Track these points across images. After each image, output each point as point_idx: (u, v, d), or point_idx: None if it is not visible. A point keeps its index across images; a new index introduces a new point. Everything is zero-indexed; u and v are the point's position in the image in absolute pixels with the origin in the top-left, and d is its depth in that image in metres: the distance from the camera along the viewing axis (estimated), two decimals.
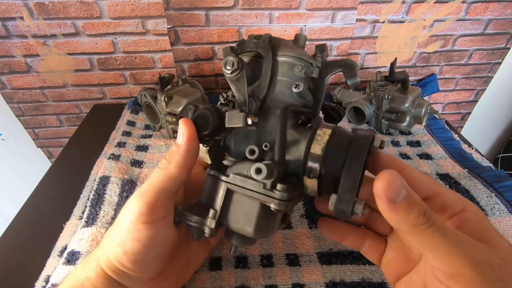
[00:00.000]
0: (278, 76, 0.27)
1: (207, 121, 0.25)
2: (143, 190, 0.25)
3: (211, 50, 0.67)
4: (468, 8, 0.66)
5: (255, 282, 0.33)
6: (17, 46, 0.64)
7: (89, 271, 0.25)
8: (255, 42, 0.28)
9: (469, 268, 0.19)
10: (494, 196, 0.42)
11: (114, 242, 0.25)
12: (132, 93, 0.73)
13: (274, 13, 0.63)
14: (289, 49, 0.27)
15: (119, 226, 0.25)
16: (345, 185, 0.21)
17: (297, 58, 0.27)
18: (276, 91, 0.27)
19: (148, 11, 0.61)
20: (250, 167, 0.23)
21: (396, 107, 0.53)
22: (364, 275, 0.33)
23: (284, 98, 0.27)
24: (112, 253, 0.24)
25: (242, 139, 0.26)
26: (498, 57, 0.75)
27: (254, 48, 0.27)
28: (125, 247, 0.24)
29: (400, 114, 0.54)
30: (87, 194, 0.44)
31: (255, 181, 0.24)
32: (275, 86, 0.27)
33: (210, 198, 0.26)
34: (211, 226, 0.26)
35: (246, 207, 0.25)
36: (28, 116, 0.76)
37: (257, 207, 0.25)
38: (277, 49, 0.27)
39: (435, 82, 0.75)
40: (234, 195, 0.26)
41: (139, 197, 0.24)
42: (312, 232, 0.38)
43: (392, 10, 0.65)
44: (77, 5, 0.59)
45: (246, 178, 0.25)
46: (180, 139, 0.25)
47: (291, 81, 0.26)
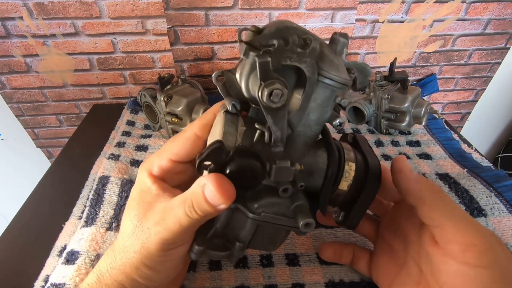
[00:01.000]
0: (317, 102, 0.22)
1: (253, 177, 0.21)
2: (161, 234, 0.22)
3: (211, 50, 0.67)
4: (467, 8, 0.66)
5: (255, 282, 0.33)
6: (16, 46, 0.63)
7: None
8: (300, 54, 0.20)
9: (484, 239, 0.21)
10: (493, 196, 0.42)
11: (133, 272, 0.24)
12: (131, 93, 0.73)
13: (273, 13, 0.63)
14: (334, 69, 0.22)
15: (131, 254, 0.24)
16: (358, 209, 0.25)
17: (342, 85, 0.22)
18: (311, 119, 0.23)
19: (147, 11, 0.61)
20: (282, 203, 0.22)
21: (395, 107, 0.53)
22: (364, 275, 0.33)
23: (317, 127, 0.24)
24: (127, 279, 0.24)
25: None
26: (497, 57, 0.75)
27: (297, 63, 0.20)
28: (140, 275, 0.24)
29: (400, 114, 0.54)
30: (86, 194, 0.44)
31: (288, 218, 0.23)
32: (313, 113, 0.23)
33: (231, 230, 0.24)
34: (239, 257, 0.25)
35: (271, 233, 0.24)
36: (28, 116, 0.76)
37: (283, 234, 0.25)
38: (321, 65, 0.21)
39: (435, 82, 0.75)
40: (260, 228, 0.24)
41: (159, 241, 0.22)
42: (311, 232, 0.38)
43: (391, 10, 0.65)
44: (77, 5, 0.59)
45: (279, 216, 0.23)
46: (212, 200, 0.21)
47: (329, 109, 0.23)
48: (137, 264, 0.23)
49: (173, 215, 0.22)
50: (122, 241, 0.24)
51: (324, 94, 0.22)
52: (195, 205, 0.21)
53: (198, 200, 0.21)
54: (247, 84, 0.22)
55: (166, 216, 0.23)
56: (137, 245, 0.23)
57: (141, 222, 0.24)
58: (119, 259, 0.24)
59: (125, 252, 0.24)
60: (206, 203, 0.21)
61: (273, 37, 0.21)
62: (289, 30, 0.21)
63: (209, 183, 0.20)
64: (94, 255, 0.34)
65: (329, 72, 0.21)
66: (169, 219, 0.22)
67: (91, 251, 0.34)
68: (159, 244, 0.22)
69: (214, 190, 0.20)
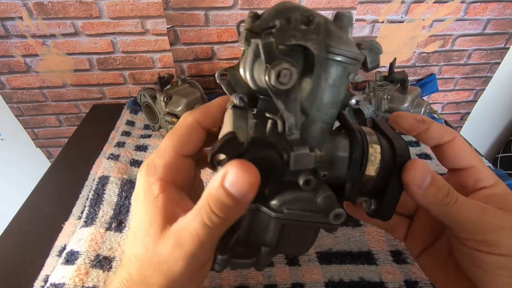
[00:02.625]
0: (329, 82, 0.21)
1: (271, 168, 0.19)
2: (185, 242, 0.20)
3: (211, 50, 0.67)
4: (467, 8, 0.66)
5: (255, 282, 0.33)
6: (16, 46, 0.63)
7: None
8: (304, 31, 0.19)
9: (492, 234, 0.22)
10: None
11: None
12: (131, 93, 0.73)
13: None
14: (343, 44, 0.20)
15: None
16: (391, 198, 0.23)
17: (353, 60, 0.21)
18: (325, 102, 0.21)
19: (147, 11, 0.61)
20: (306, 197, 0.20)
21: (395, 107, 0.54)
22: (363, 275, 0.33)
23: (332, 110, 0.22)
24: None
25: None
26: (497, 57, 0.75)
27: (303, 41, 0.19)
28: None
29: None
30: (86, 194, 0.44)
31: (315, 213, 0.21)
32: (325, 95, 0.21)
33: (254, 234, 0.22)
34: (266, 264, 0.22)
35: (300, 235, 0.22)
36: (28, 116, 0.76)
37: (312, 233, 0.23)
38: (328, 43, 0.20)
39: (434, 82, 0.75)
40: (286, 227, 0.22)
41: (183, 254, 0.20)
42: None
43: (391, 10, 0.65)
44: (76, 5, 0.59)
45: (305, 212, 0.21)
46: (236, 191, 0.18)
47: (342, 89, 0.22)
48: None
49: (189, 233, 0.19)
50: (141, 270, 0.21)
51: (335, 72, 0.20)
52: (213, 206, 0.19)
53: (218, 197, 0.19)
54: (252, 74, 0.20)
55: (181, 237, 0.20)
56: (160, 279, 0.20)
57: (154, 251, 0.20)
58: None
59: (147, 284, 0.21)
60: (227, 197, 0.18)
61: (273, 19, 0.19)
62: (290, 10, 0.20)
63: (231, 169, 0.18)
64: (94, 255, 0.34)
65: (338, 47, 0.20)
66: (185, 239, 0.19)
67: (90, 251, 0.34)
68: (184, 271, 0.20)
69: (238, 174, 0.18)
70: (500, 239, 0.22)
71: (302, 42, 0.19)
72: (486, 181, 0.25)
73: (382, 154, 0.22)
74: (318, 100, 0.21)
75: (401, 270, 0.33)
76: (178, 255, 0.20)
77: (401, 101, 0.53)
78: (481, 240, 0.22)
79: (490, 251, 0.22)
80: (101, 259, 0.34)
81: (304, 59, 0.20)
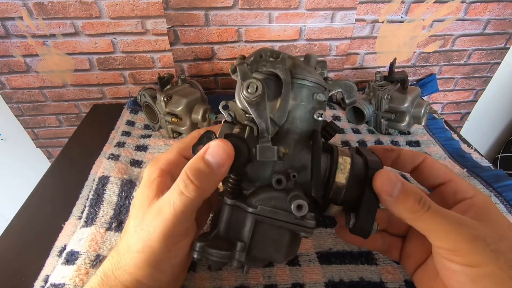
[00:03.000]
0: (297, 101, 0.26)
1: (239, 152, 0.23)
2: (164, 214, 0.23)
3: (211, 50, 0.67)
4: (467, 8, 0.66)
5: (255, 282, 0.33)
6: (16, 46, 0.63)
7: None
8: (272, 62, 0.26)
9: (464, 243, 0.22)
10: (493, 195, 0.42)
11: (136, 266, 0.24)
12: (131, 93, 0.73)
13: (273, 13, 0.63)
14: (307, 72, 0.26)
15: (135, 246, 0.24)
16: (366, 210, 0.25)
17: (316, 84, 0.27)
18: (295, 116, 0.26)
19: (147, 11, 0.61)
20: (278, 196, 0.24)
21: (395, 107, 0.54)
22: (363, 275, 0.33)
23: (303, 123, 0.27)
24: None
25: (261, 164, 0.25)
26: (497, 57, 0.75)
27: (272, 68, 0.25)
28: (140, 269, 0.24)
29: (400, 114, 0.54)
30: (86, 194, 0.44)
31: (286, 212, 0.24)
32: (295, 111, 0.26)
33: (232, 229, 0.25)
34: (240, 259, 0.24)
35: (274, 237, 0.25)
36: (28, 116, 0.76)
37: (287, 236, 0.25)
38: (294, 71, 0.26)
39: (435, 82, 0.75)
40: (261, 226, 0.24)
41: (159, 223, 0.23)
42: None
43: (391, 10, 0.65)
44: (76, 5, 0.59)
45: (276, 210, 0.24)
46: (213, 159, 0.22)
47: (310, 107, 0.27)
48: (141, 264, 0.23)
49: (167, 202, 0.22)
50: (126, 241, 0.24)
51: (301, 93, 0.26)
52: (190, 174, 0.22)
53: (195, 165, 0.22)
54: (240, 97, 0.26)
55: (162, 208, 0.23)
56: (139, 244, 0.23)
57: (141, 221, 0.24)
58: (124, 260, 0.24)
59: (129, 252, 0.24)
60: (205, 165, 0.22)
61: (251, 56, 0.26)
62: (263, 50, 0.26)
63: (212, 143, 0.22)
64: (94, 255, 0.34)
65: (302, 74, 0.26)
66: (165, 210, 0.22)
67: (90, 251, 0.34)
68: (161, 239, 0.22)
69: (218, 144, 0.22)
70: (471, 249, 0.22)
71: (271, 69, 0.25)
72: (465, 193, 0.26)
73: (353, 165, 0.26)
74: (290, 115, 0.26)
75: (401, 270, 0.33)
76: (157, 223, 0.22)
77: (401, 101, 0.53)
78: (452, 249, 0.22)
79: (461, 262, 0.22)
80: (101, 259, 0.34)
81: (276, 84, 0.26)
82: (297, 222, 0.24)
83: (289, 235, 0.25)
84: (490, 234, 0.22)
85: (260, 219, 0.24)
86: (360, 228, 0.25)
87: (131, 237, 0.24)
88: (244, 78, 0.25)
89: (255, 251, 0.25)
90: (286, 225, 0.24)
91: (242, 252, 0.24)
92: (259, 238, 0.24)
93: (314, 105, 0.27)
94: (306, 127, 0.27)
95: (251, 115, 0.25)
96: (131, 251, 0.23)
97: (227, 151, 0.22)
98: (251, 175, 0.25)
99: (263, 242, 0.25)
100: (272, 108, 0.25)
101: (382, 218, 0.31)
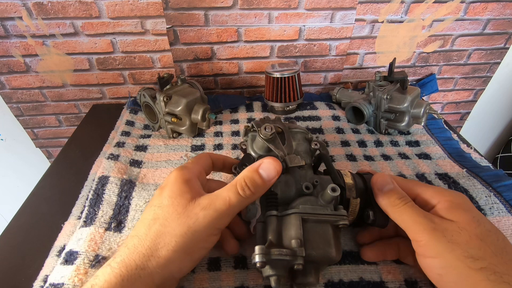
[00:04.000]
0: (296, 141, 0.36)
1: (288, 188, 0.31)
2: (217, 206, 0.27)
3: (210, 50, 0.67)
4: (467, 8, 0.66)
5: (254, 283, 0.33)
6: (16, 46, 0.63)
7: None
8: (274, 121, 0.39)
9: (425, 234, 0.26)
10: (492, 195, 0.42)
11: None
12: (131, 93, 0.73)
13: (273, 13, 0.63)
14: (294, 125, 0.39)
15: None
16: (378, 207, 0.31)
17: (304, 131, 0.38)
18: (298, 150, 0.35)
19: (147, 11, 0.61)
20: (310, 198, 0.30)
21: (395, 107, 0.53)
22: (363, 275, 0.33)
23: (305, 155, 0.35)
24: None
25: (285, 185, 0.32)
26: (497, 57, 0.75)
27: (273, 124, 0.36)
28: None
29: (399, 114, 0.54)
30: (86, 194, 0.44)
31: (322, 206, 0.29)
32: (298, 146, 0.36)
33: (283, 234, 0.28)
34: (302, 255, 0.26)
35: (320, 231, 0.28)
36: (27, 116, 0.76)
37: (330, 229, 0.28)
38: (290, 126, 0.38)
39: (434, 82, 0.75)
40: (307, 224, 0.28)
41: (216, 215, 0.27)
42: None
43: (391, 10, 0.65)
44: (76, 5, 0.59)
45: (315, 206, 0.29)
46: (265, 173, 0.28)
47: (307, 144, 0.37)
48: (177, 247, 0.25)
49: (222, 198, 0.27)
50: (165, 222, 0.26)
51: (297, 136, 0.37)
52: (248, 182, 0.28)
53: (252, 177, 0.28)
54: (252, 147, 0.36)
55: (214, 201, 0.27)
56: (183, 228, 0.26)
57: (187, 209, 0.27)
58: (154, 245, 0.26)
59: (165, 236, 0.26)
60: (259, 177, 0.28)
61: (256, 122, 0.37)
62: (265, 119, 0.39)
63: (266, 160, 0.29)
64: (93, 255, 0.34)
65: (295, 127, 0.38)
66: (217, 202, 0.27)
67: (90, 251, 0.34)
68: (207, 226, 0.26)
69: (271, 162, 0.28)
70: (429, 239, 0.25)
71: (273, 125, 0.34)
72: (430, 203, 0.29)
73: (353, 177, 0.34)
74: (295, 149, 0.35)
75: (401, 270, 0.33)
76: (208, 212, 0.26)
77: (400, 101, 0.53)
78: (416, 240, 0.27)
79: (425, 254, 0.26)
80: (100, 259, 0.34)
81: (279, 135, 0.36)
82: (333, 213, 0.29)
83: (331, 227, 0.29)
84: (450, 227, 0.26)
85: (304, 216, 0.28)
86: (379, 219, 0.31)
87: (172, 221, 0.26)
88: (258, 126, 0.34)
89: (309, 248, 0.27)
90: (326, 217, 0.28)
91: (301, 247, 0.26)
92: (309, 235, 0.27)
93: (309, 143, 0.37)
94: (308, 158, 0.35)
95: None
96: (168, 236, 0.26)
97: (277, 168, 0.29)
98: (280, 195, 0.31)
99: (313, 238, 0.28)
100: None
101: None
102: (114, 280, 0.24)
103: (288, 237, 0.27)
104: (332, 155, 0.51)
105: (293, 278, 0.28)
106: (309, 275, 0.28)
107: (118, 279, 0.24)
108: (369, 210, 0.32)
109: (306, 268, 0.28)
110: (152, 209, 0.28)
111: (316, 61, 0.71)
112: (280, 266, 0.26)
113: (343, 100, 0.64)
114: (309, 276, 0.28)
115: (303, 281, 0.28)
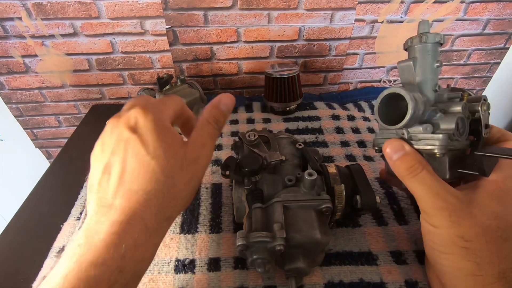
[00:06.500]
0: (282, 145, 0.39)
1: (256, 162, 0.33)
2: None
3: (210, 50, 0.67)
4: (466, 8, 0.66)
5: (254, 283, 0.33)
6: (15, 47, 0.63)
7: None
8: (259, 131, 0.40)
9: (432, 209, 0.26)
10: None
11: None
12: (130, 94, 0.73)
13: (272, 13, 0.63)
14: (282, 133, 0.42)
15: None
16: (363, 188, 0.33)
17: (289, 137, 0.41)
18: (284, 152, 0.38)
19: (146, 12, 0.61)
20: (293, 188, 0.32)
21: None
22: (363, 275, 0.33)
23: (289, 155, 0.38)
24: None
25: (272, 183, 0.34)
26: (497, 57, 0.75)
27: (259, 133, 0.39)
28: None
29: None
30: (85, 195, 0.43)
31: (304, 193, 0.31)
32: (283, 149, 0.39)
33: (267, 221, 0.30)
34: (282, 236, 0.27)
35: (303, 216, 0.29)
36: (27, 117, 0.75)
37: (313, 212, 0.30)
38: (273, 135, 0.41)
39: None
40: (289, 211, 0.30)
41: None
42: None
43: (390, 10, 0.65)
44: (75, 5, 0.59)
45: (296, 194, 0.31)
46: (227, 106, 0.30)
47: (292, 146, 0.39)
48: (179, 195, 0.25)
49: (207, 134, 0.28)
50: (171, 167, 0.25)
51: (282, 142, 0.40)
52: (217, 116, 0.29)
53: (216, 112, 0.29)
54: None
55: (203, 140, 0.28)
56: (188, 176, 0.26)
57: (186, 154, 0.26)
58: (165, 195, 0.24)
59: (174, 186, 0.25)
60: (221, 110, 0.30)
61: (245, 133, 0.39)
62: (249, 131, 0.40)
63: (223, 96, 0.30)
64: None
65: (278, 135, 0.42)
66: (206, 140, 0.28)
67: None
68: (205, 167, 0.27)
69: (228, 97, 0.30)
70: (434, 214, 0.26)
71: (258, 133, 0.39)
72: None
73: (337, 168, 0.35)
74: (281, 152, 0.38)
75: (401, 270, 0.33)
76: (204, 152, 0.27)
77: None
78: (422, 210, 0.27)
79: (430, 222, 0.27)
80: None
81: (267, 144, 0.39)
82: (314, 197, 0.30)
83: (315, 212, 0.30)
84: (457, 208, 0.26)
85: (286, 203, 0.30)
86: (366, 203, 0.32)
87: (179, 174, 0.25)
88: (243, 136, 0.38)
89: (292, 231, 0.28)
90: (308, 202, 0.30)
91: (282, 229, 0.27)
92: (291, 220, 0.29)
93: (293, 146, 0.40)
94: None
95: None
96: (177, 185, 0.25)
97: (232, 99, 0.30)
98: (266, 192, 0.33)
99: (296, 222, 0.29)
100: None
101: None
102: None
103: (271, 224, 0.29)
104: (332, 155, 0.51)
105: (283, 265, 0.29)
106: (297, 260, 0.29)
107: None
108: (356, 196, 0.32)
109: (293, 253, 0.29)
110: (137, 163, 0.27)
111: (315, 61, 0.71)
112: (263, 249, 0.27)
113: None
114: (297, 261, 0.29)
115: (292, 266, 0.29)
